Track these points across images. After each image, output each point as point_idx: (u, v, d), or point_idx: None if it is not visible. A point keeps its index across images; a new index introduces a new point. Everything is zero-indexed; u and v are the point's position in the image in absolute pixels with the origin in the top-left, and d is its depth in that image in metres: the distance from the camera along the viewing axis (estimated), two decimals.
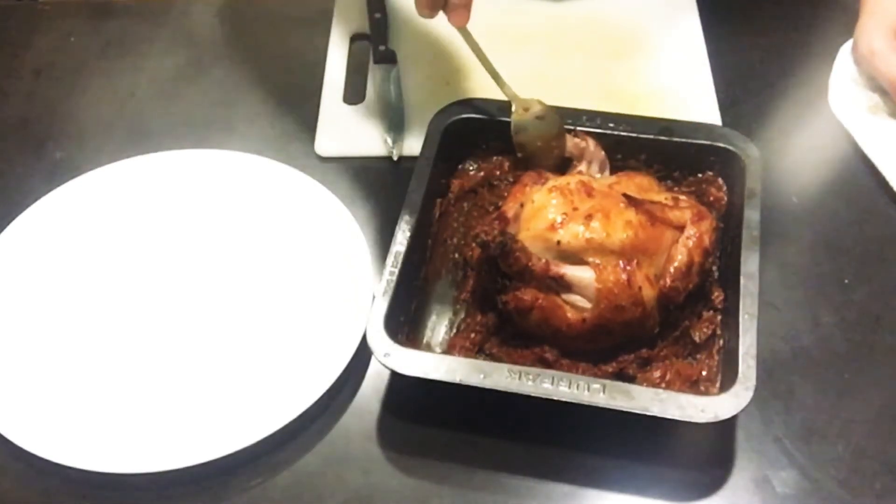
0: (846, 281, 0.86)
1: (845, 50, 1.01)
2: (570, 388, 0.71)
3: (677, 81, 1.01)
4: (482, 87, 0.89)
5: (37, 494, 0.76)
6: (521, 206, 0.81)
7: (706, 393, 0.75)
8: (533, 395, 0.71)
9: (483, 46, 0.86)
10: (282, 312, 0.84)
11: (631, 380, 0.77)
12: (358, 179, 0.93)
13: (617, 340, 0.77)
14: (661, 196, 0.81)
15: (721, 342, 0.78)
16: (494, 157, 0.91)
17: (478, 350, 0.80)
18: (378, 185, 0.93)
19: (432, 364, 0.73)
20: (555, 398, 0.71)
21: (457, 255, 0.87)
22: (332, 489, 0.75)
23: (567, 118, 0.88)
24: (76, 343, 0.83)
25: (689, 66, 1.02)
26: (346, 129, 0.98)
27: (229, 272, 0.87)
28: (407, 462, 0.77)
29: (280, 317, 0.84)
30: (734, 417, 0.71)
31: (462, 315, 0.83)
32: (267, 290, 0.86)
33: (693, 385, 0.77)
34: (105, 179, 0.92)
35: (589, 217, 0.76)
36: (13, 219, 0.89)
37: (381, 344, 0.74)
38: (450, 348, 0.81)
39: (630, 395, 0.71)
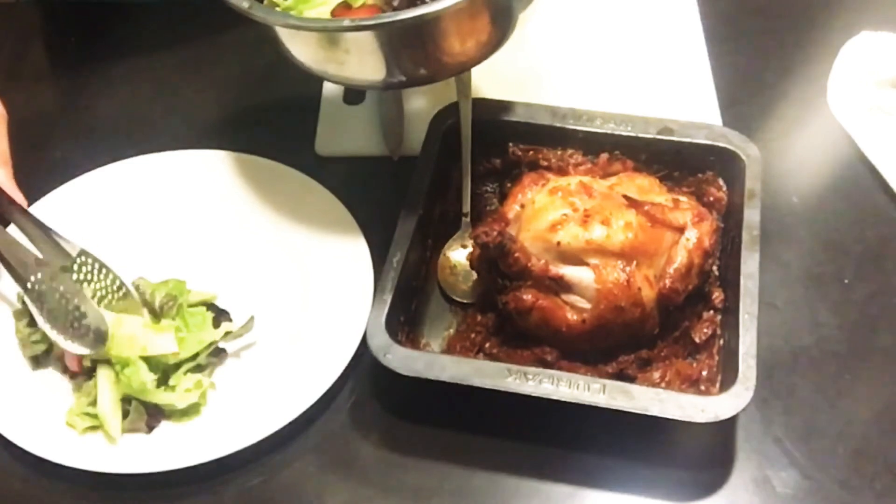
0: (846, 281, 0.86)
1: (845, 50, 1.01)
2: (570, 388, 0.71)
3: (677, 81, 1.01)
4: (482, 88, 0.89)
5: (39, 494, 0.76)
6: (521, 206, 0.82)
7: (706, 393, 0.75)
8: (533, 395, 0.71)
9: None
10: (282, 312, 0.84)
11: (631, 380, 0.77)
12: (358, 179, 0.93)
13: (617, 341, 0.77)
14: (662, 197, 0.81)
15: (721, 342, 0.78)
16: (493, 158, 0.91)
17: (478, 350, 0.80)
18: (378, 185, 0.93)
19: (432, 364, 0.73)
20: (555, 398, 0.71)
21: None
22: (332, 489, 0.75)
23: (567, 118, 0.88)
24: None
25: (689, 66, 1.02)
26: (346, 129, 0.98)
27: (229, 272, 0.87)
28: (407, 462, 0.77)
29: (280, 317, 0.84)
30: (734, 417, 0.71)
31: (462, 315, 0.83)
32: (267, 290, 0.86)
33: (693, 385, 0.77)
34: (105, 179, 0.92)
35: (589, 218, 0.76)
36: None
37: (381, 344, 0.74)
38: (450, 348, 0.81)
39: (630, 395, 0.71)
